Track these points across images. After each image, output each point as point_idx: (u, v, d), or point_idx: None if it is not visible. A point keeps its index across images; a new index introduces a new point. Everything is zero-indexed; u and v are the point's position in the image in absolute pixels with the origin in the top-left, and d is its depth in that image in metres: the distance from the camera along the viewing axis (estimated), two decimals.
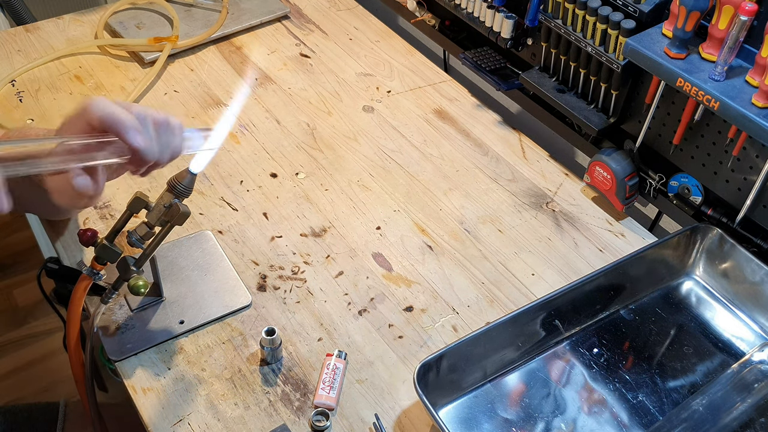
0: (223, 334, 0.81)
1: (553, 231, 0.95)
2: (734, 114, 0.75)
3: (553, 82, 1.03)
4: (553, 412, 0.76)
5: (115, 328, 0.79)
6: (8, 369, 1.71)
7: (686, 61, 0.80)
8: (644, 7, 0.85)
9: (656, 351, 0.82)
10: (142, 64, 1.18)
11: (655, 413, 0.76)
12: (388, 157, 1.05)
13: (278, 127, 1.08)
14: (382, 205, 0.97)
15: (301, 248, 0.91)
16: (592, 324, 0.84)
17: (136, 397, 0.74)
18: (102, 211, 0.93)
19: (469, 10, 1.11)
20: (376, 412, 0.75)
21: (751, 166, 0.83)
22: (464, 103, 1.15)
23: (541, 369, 0.80)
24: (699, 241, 0.88)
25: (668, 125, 0.91)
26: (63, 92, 1.12)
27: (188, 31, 1.22)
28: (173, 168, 0.72)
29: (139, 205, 0.70)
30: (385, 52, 1.25)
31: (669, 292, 0.88)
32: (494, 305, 0.86)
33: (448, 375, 0.75)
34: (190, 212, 0.70)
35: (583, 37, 0.93)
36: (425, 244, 0.93)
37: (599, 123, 0.97)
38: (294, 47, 1.24)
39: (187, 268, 0.86)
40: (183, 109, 1.10)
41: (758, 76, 0.75)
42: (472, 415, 0.75)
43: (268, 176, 1.01)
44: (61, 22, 1.26)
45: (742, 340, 0.84)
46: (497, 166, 1.04)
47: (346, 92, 1.16)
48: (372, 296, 0.86)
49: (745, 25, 0.72)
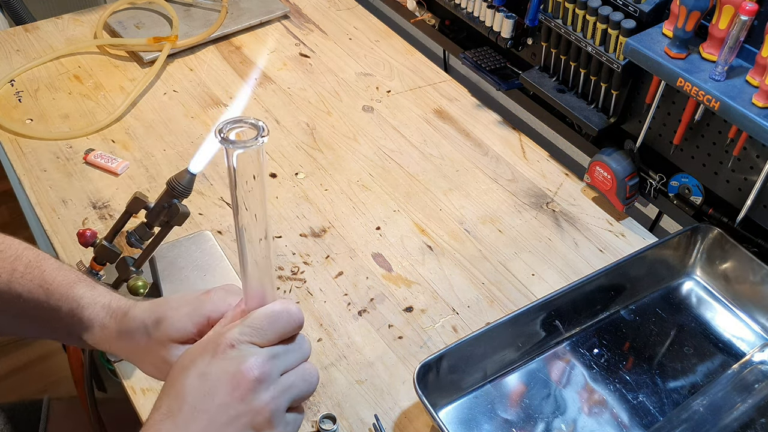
0: None
1: (554, 231, 0.95)
2: (735, 114, 0.75)
3: (554, 82, 1.03)
4: (553, 412, 0.76)
5: None
6: (8, 369, 1.71)
7: (686, 61, 0.80)
8: (644, 7, 0.84)
9: (657, 351, 0.82)
10: (142, 64, 1.18)
11: (655, 414, 0.76)
12: (387, 157, 1.04)
13: (278, 127, 1.08)
14: (381, 205, 0.97)
15: (300, 248, 0.91)
16: (593, 324, 0.84)
17: (135, 398, 0.74)
18: (101, 211, 0.93)
19: (469, 10, 1.10)
20: (375, 413, 0.75)
21: (752, 166, 0.83)
22: (464, 103, 1.15)
23: (541, 369, 0.80)
24: (699, 241, 0.88)
25: (668, 125, 0.91)
26: (62, 92, 1.12)
27: (187, 30, 1.22)
28: (173, 168, 0.71)
29: (139, 206, 0.70)
30: (384, 51, 1.25)
31: (669, 292, 0.88)
32: (494, 305, 0.86)
33: (448, 375, 0.74)
34: (189, 212, 0.70)
35: (583, 36, 0.93)
36: (425, 244, 0.93)
37: (599, 123, 0.97)
38: (294, 47, 1.24)
39: (187, 268, 0.86)
40: (182, 109, 1.10)
41: (759, 76, 0.75)
42: (472, 416, 0.75)
43: (268, 176, 1.00)
44: (60, 22, 1.25)
45: (742, 340, 0.83)
46: (497, 166, 1.04)
47: (345, 92, 1.16)
48: (372, 296, 0.86)
49: (746, 25, 0.72)
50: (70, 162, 1.00)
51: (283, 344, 0.51)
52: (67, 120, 1.07)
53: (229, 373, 0.48)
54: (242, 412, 0.48)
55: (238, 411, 0.48)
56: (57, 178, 0.98)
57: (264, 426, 0.49)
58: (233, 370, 0.48)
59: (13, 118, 1.06)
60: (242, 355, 0.49)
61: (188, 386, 0.49)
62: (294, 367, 0.51)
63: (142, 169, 1.00)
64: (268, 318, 0.50)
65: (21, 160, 1.00)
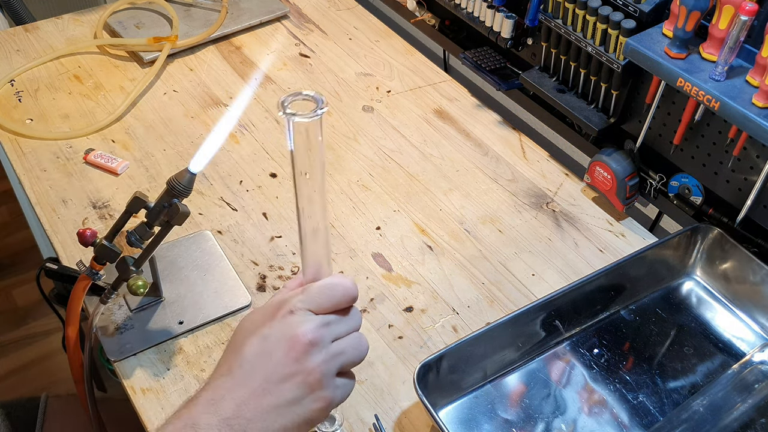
0: (223, 334, 0.81)
1: (554, 231, 0.95)
2: (735, 114, 0.75)
3: (554, 82, 1.03)
4: (553, 412, 0.76)
5: (114, 329, 0.79)
6: (7, 369, 1.71)
7: (686, 61, 0.80)
8: (644, 7, 0.84)
9: (657, 351, 0.82)
10: (142, 64, 1.18)
11: (655, 414, 0.76)
12: (387, 157, 1.04)
13: (278, 127, 1.08)
14: (381, 205, 0.97)
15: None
16: (593, 324, 0.84)
17: (135, 398, 0.74)
18: (101, 211, 0.93)
19: (469, 10, 1.10)
20: (375, 413, 0.75)
21: (752, 167, 0.83)
22: (464, 103, 1.15)
23: (541, 369, 0.80)
24: (699, 241, 0.88)
25: (669, 125, 0.91)
26: (62, 92, 1.12)
27: (187, 30, 1.22)
28: (173, 168, 0.71)
29: (139, 205, 0.70)
30: (384, 51, 1.25)
31: (669, 292, 0.88)
32: (494, 305, 0.86)
33: (448, 375, 0.74)
34: (189, 212, 0.70)
35: (583, 36, 0.93)
36: (425, 244, 0.93)
37: (599, 123, 0.97)
38: (293, 47, 1.24)
39: (187, 268, 0.86)
40: (182, 108, 1.10)
41: (759, 76, 0.75)
42: (472, 416, 0.75)
43: (268, 176, 1.00)
44: (60, 22, 1.25)
45: (742, 340, 0.83)
46: (497, 166, 1.04)
47: (345, 92, 1.16)
48: (372, 296, 0.86)
49: (746, 25, 0.72)
50: (70, 162, 1.00)
51: (336, 314, 0.57)
52: (67, 120, 1.07)
53: (287, 336, 0.54)
54: (295, 371, 0.54)
55: (292, 370, 0.54)
56: (57, 178, 0.98)
57: (315, 386, 0.54)
58: (290, 333, 0.54)
59: (13, 118, 1.06)
60: (299, 320, 0.55)
61: (248, 346, 0.55)
62: (345, 336, 0.57)
63: (142, 168, 1.00)
64: (325, 289, 0.56)
65: (21, 160, 1.00)
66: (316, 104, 0.51)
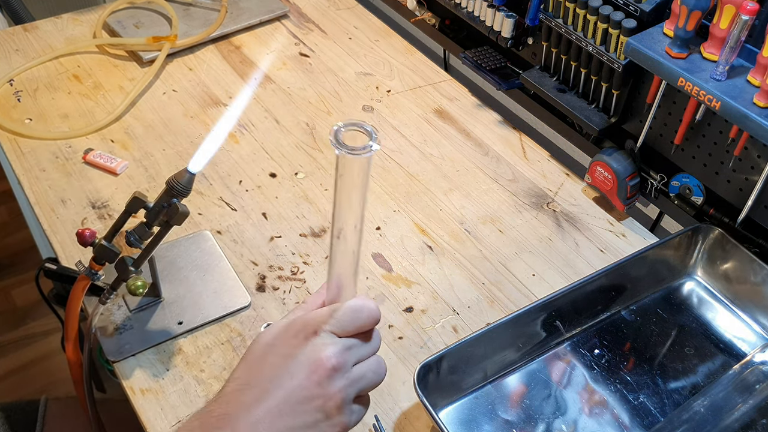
0: (222, 334, 0.80)
1: (554, 231, 0.95)
2: (736, 114, 0.74)
3: (554, 81, 1.02)
4: (554, 413, 0.76)
5: (113, 329, 0.79)
6: (6, 370, 1.71)
7: (687, 61, 0.80)
8: (645, 7, 0.84)
9: (657, 352, 0.82)
10: (141, 64, 1.18)
11: (656, 414, 0.76)
12: (388, 157, 1.04)
13: (277, 127, 1.08)
14: (382, 205, 0.97)
15: (300, 248, 0.91)
16: (593, 325, 0.84)
17: (135, 398, 0.74)
18: (100, 211, 0.93)
19: (469, 9, 1.10)
20: (375, 414, 0.74)
21: (753, 166, 0.83)
22: (464, 103, 1.15)
23: (541, 370, 0.80)
24: (700, 241, 0.87)
25: (669, 125, 0.91)
26: (61, 92, 1.11)
27: (187, 30, 1.21)
28: (172, 168, 0.71)
29: (138, 205, 0.70)
30: (384, 51, 1.24)
31: (670, 292, 0.88)
32: (495, 306, 0.86)
33: (448, 376, 0.74)
34: (188, 212, 0.70)
35: (583, 36, 0.93)
36: (425, 244, 0.92)
37: (600, 123, 0.96)
38: (293, 46, 1.24)
39: (186, 268, 0.86)
40: (182, 108, 1.10)
41: (760, 75, 0.75)
42: (473, 417, 0.75)
43: (267, 176, 1.00)
44: (59, 22, 1.25)
45: (743, 340, 0.83)
46: (498, 166, 1.04)
47: (345, 92, 1.16)
48: (372, 297, 0.86)
49: (747, 25, 0.72)
50: (69, 162, 1.00)
51: (358, 338, 0.56)
52: (67, 120, 1.07)
53: (311, 358, 0.53)
54: (316, 395, 0.53)
55: (313, 393, 0.53)
56: (56, 178, 0.97)
57: (333, 412, 0.54)
58: (315, 356, 0.53)
59: (12, 117, 1.06)
60: (323, 343, 0.54)
61: (269, 363, 0.54)
62: (365, 359, 0.57)
63: (142, 168, 0.99)
64: (352, 312, 0.55)
65: (20, 160, 1.00)
66: (369, 137, 0.49)
